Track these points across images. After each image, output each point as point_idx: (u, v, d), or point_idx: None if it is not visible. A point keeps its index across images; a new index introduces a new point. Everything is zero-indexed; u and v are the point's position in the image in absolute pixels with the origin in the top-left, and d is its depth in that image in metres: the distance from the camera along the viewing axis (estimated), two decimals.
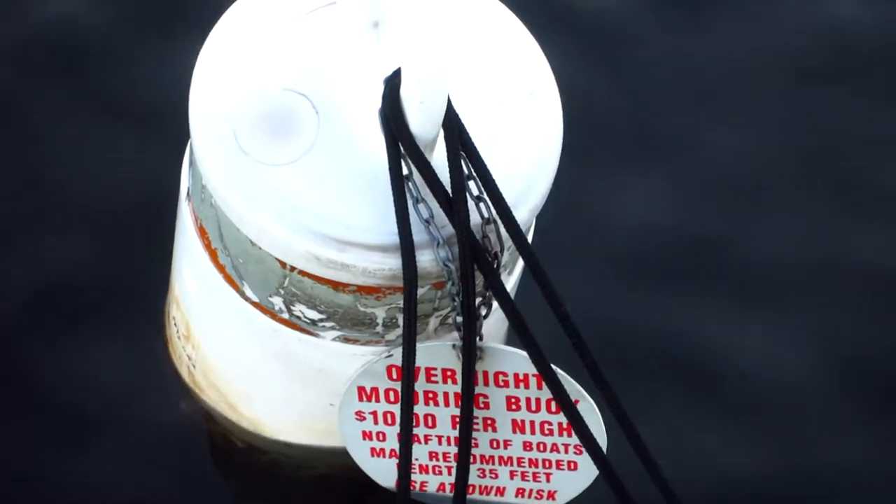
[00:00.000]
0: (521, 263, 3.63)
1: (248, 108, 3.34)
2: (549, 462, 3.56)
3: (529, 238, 3.56)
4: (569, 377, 3.37)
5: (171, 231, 3.81)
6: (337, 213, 3.26)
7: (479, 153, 3.22)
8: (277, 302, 3.45)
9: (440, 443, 3.53)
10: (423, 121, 3.16)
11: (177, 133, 3.69)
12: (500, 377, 3.40)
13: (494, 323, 3.52)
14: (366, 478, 3.71)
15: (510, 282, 3.59)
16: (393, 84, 3.17)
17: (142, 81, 4.62)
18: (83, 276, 4.29)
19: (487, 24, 3.52)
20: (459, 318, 3.29)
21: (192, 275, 3.69)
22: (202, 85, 3.37)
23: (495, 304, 3.34)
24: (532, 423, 3.47)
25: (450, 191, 3.19)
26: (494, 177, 3.22)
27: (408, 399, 3.26)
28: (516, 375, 3.39)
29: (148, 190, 4.34)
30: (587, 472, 3.53)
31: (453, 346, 3.37)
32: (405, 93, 3.15)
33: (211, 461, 4.11)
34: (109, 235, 4.37)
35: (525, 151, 3.38)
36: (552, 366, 3.30)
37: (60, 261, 4.30)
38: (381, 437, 3.55)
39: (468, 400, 3.33)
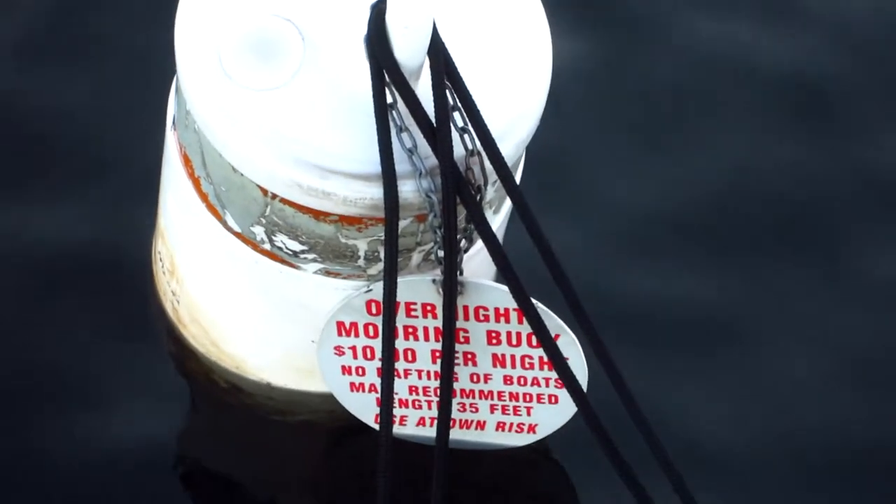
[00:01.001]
0: (508, 204, 3.62)
1: (233, 32, 3.39)
2: (530, 396, 3.57)
3: (518, 175, 3.57)
4: (550, 311, 3.39)
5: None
6: (320, 141, 3.29)
7: (464, 83, 3.25)
8: (259, 232, 3.47)
9: (420, 377, 3.55)
10: (408, 47, 3.19)
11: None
12: (481, 311, 3.41)
13: (481, 263, 3.52)
14: (348, 422, 3.71)
15: (496, 221, 3.60)
16: (378, 9, 3.19)
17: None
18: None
19: None
20: (441, 253, 3.30)
21: (176, 205, 3.72)
22: (187, 10, 3.42)
23: (480, 241, 3.35)
24: (512, 357, 3.49)
25: (434, 120, 3.21)
26: (480, 108, 3.23)
27: (389, 332, 3.27)
28: (497, 310, 3.41)
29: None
30: (568, 405, 3.53)
31: (433, 280, 3.39)
32: (390, 18, 3.18)
33: (193, 403, 4.11)
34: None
35: (513, 84, 3.42)
36: (532, 300, 3.29)
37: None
38: (360, 372, 3.56)
39: (449, 335, 3.34)
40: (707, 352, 4.33)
